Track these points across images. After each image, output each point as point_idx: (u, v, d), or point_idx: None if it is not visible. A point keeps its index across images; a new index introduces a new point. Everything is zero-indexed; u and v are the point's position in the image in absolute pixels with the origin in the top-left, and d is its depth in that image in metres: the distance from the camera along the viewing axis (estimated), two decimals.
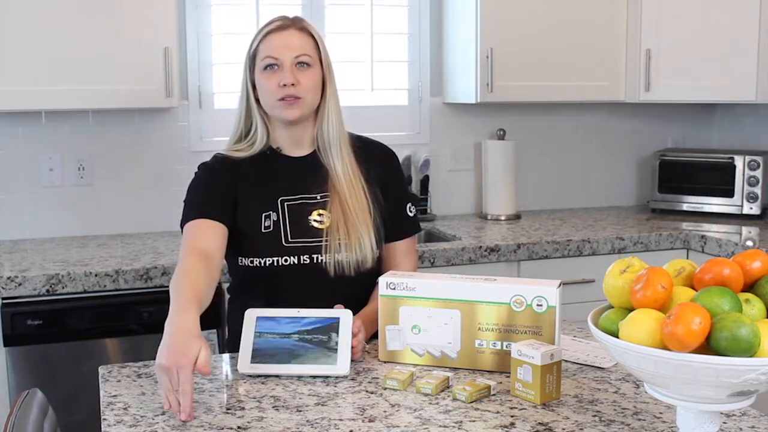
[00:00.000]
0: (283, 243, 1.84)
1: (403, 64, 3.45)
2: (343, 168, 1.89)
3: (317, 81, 1.87)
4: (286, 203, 1.87)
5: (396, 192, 1.99)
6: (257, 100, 1.90)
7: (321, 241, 1.85)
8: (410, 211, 2.00)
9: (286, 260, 1.83)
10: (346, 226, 1.85)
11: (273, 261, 1.83)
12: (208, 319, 2.35)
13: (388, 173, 1.98)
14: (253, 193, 1.88)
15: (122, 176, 3.10)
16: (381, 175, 1.95)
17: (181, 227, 1.83)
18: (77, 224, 3.06)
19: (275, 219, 1.85)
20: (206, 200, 1.84)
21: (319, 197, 1.89)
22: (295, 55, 1.83)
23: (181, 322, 1.50)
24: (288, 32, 1.85)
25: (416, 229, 2.02)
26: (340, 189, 1.88)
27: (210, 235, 1.78)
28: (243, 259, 1.86)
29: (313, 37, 1.89)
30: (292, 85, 1.82)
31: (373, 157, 1.97)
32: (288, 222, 1.86)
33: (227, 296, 2.05)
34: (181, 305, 1.55)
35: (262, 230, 1.85)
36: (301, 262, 1.84)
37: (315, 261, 1.84)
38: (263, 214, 1.86)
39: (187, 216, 1.83)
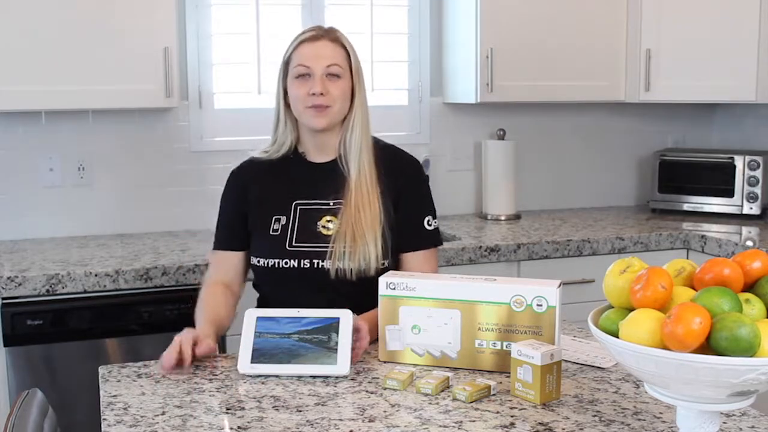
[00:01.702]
0: (286, 246, 1.90)
1: (403, 64, 3.45)
2: (360, 176, 1.91)
3: (346, 91, 1.92)
4: (299, 207, 1.94)
5: (413, 203, 1.98)
6: (288, 105, 1.96)
7: (326, 247, 1.88)
8: (428, 225, 1.99)
9: (286, 263, 1.89)
10: (354, 234, 1.87)
11: (275, 263, 1.90)
12: None
13: (405, 183, 1.98)
14: (269, 196, 1.96)
15: (122, 176, 3.10)
16: (398, 184, 1.96)
17: (213, 249, 2.04)
18: (77, 224, 3.06)
19: (284, 223, 1.92)
20: (226, 230, 2.01)
21: (332, 203, 1.93)
22: (326, 64, 1.89)
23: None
24: (321, 43, 1.91)
25: (433, 242, 2.00)
26: (353, 196, 1.90)
27: (230, 267, 1.99)
28: (253, 258, 1.96)
29: (345, 48, 1.93)
30: (321, 94, 1.87)
31: (393, 166, 1.98)
32: (296, 226, 1.91)
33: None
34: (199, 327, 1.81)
35: (271, 232, 1.92)
36: (302, 265, 1.88)
37: (315, 266, 1.88)
38: (274, 217, 1.93)
39: (214, 244, 2.03)
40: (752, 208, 3.33)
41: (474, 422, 1.38)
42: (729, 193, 3.38)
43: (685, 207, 3.48)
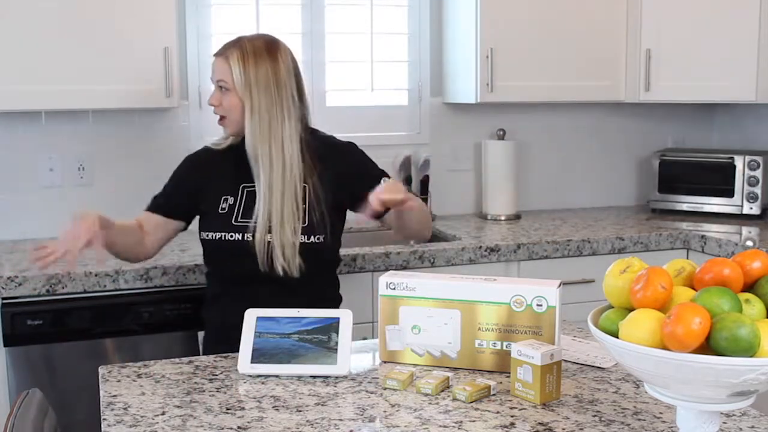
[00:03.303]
0: (232, 222, 2.14)
1: (403, 64, 3.45)
2: (272, 168, 2.10)
3: (235, 104, 2.13)
4: (246, 189, 2.17)
5: (363, 176, 2.19)
6: None
7: (267, 223, 2.11)
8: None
9: (231, 236, 2.13)
10: (278, 212, 2.09)
11: (221, 236, 2.14)
12: (199, 321, 2.35)
13: (346, 166, 2.21)
14: (220, 179, 2.20)
15: (122, 176, 3.09)
16: (340, 169, 2.19)
17: (146, 208, 2.27)
18: None
19: (231, 203, 2.17)
20: (165, 198, 2.25)
21: None
22: (216, 79, 2.16)
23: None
24: (218, 59, 2.16)
25: None
26: (273, 183, 2.11)
27: (153, 226, 2.24)
28: (202, 232, 2.19)
29: (230, 64, 2.13)
30: (214, 105, 2.16)
31: (330, 156, 2.20)
32: (242, 205, 2.15)
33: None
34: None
35: (219, 211, 2.16)
36: (245, 238, 2.11)
37: (257, 239, 2.10)
38: (222, 197, 2.17)
39: (148, 206, 2.27)
40: (752, 208, 3.33)
41: (474, 422, 1.38)
42: (729, 193, 3.38)
43: (685, 207, 3.48)
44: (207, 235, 2.17)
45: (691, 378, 1.10)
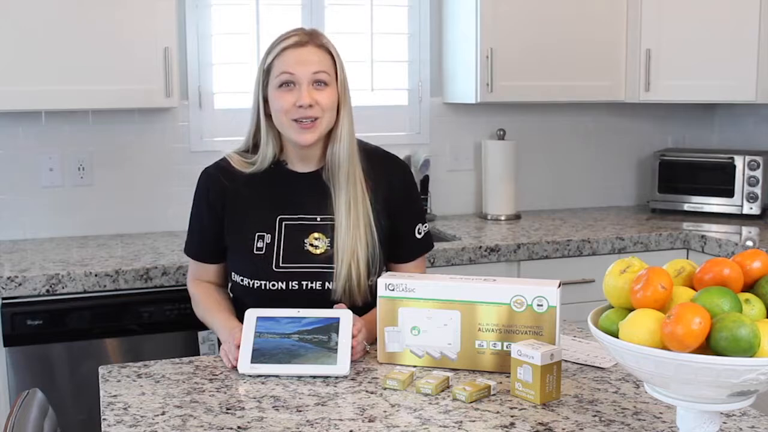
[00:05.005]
0: (273, 268, 1.81)
1: (403, 64, 3.45)
2: (347, 191, 1.82)
3: (334, 101, 1.80)
4: (284, 222, 1.84)
5: (406, 212, 1.92)
6: (268, 116, 1.84)
7: (315, 267, 1.82)
8: (419, 233, 1.94)
9: (274, 285, 1.81)
10: (341, 254, 1.80)
11: (261, 284, 1.82)
12: (199, 321, 2.35)
13: (395, 192, 1.90)
14: (249, 211, 1.86)
15: (122, 176, 3.10)
16: (388, 194, 1.89)
17: (184, 251, 2.00)
18: (77, 224, 3.06)
19: (269, 241, 1.83)
20: (199, 240, 1.95)
21: (318, 219, 1.85)
22: (312, 71, 1.77)
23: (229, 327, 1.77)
24: (306, 49, 1.78)
25: (423, 250, 1.97)
26: (341, 214, 1.81)
27: (209, 275, 1.97)
28: (235, 275, 1.88)
29: (331, 54, 1.82)
30: (310, 106, 1.76)
31: (382, 173, 1.89)
32: (282, 244, 1.83)
33: None
34: (223, 320, 1.82)
35: (254, 251, 1.83)
36: (290, 287, 1.81)
37: (304, 288, 1.81)
38: (257, 234, 1.84)
39: (187, 249, 1.98)
40: (752, 208, 3.33)
41: (474, 422, 1.38)
42: (729, 193, 3.38)
43: (685, 207, 3.48)
44: (241, 280, 1.84)
45: (691, 378, 1.10)
